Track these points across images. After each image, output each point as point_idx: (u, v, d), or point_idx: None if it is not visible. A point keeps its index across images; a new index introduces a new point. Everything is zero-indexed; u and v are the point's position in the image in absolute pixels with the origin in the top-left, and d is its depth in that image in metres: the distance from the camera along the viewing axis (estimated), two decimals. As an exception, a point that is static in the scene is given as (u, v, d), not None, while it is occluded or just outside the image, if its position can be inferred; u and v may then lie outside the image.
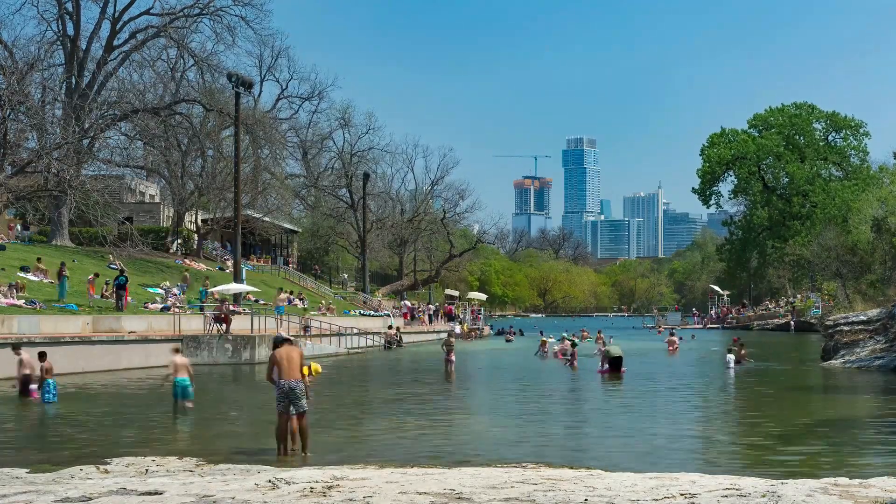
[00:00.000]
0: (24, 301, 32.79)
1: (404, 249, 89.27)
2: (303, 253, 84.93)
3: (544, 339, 44.22)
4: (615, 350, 31.04)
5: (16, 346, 23.42)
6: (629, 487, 8.35)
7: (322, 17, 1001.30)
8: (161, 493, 8.41)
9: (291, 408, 13.40)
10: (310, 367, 15.84)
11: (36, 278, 37.28)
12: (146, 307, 38.54)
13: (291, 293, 55.25)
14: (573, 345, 36.93)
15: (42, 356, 21.69)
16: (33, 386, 21.56)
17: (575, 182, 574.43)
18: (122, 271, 39.08)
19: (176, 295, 42.45)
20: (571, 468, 10.81)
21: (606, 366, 30.28)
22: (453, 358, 33.45)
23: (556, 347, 41.12)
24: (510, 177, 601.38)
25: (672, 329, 63.92)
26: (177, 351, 20.34)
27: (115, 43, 52.42)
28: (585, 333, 54.97)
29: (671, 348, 45.25)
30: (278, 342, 14.12)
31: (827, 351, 34.56)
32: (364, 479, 9.10)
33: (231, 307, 40.42)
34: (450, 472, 10.11)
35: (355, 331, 48.66)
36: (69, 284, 36.17)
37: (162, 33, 53.05)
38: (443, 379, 29.67)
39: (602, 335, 47.62)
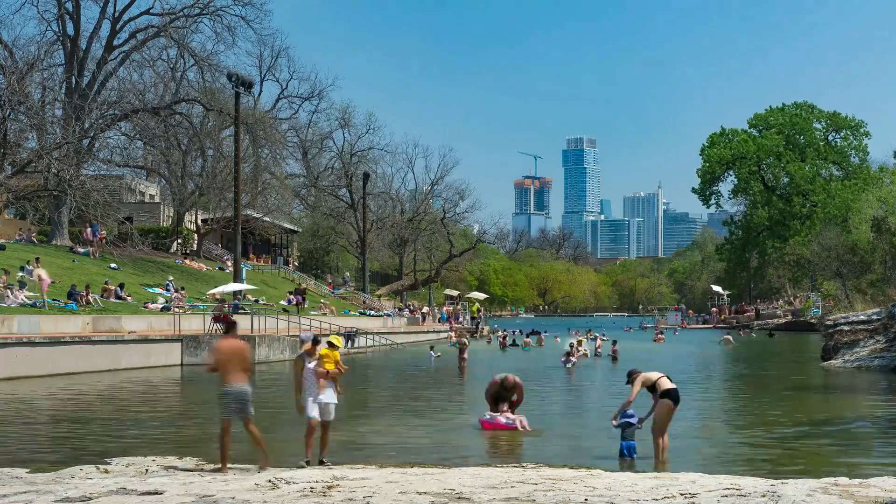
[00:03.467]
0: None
1: (404, 249, 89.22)
2: (303, 253, 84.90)
3: (580, 338, 42.02)
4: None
5: None
6: (629, 487, 8.35)
7: (322, 17, 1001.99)
8: (161, 493, 8.41)
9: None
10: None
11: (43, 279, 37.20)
12: (146, 307, 38.53)
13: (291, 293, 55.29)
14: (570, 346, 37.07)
15: None
16: None
17: (575, 182, 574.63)
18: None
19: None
20: (571, 468, 10.80)
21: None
22: (466, 356, 34.75)
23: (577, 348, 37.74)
24: (510, 177, 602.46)
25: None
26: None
27: (115, 43, 52.36)
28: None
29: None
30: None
31: (827, 351, 34.55)
32: (364, 479, 9.10)
33: (231, 306, 40.40)
34: (450, 472, 10.11)
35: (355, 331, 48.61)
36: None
37: (162, 33, 52.98)
38: (441, 378, 29.69)
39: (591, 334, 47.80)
